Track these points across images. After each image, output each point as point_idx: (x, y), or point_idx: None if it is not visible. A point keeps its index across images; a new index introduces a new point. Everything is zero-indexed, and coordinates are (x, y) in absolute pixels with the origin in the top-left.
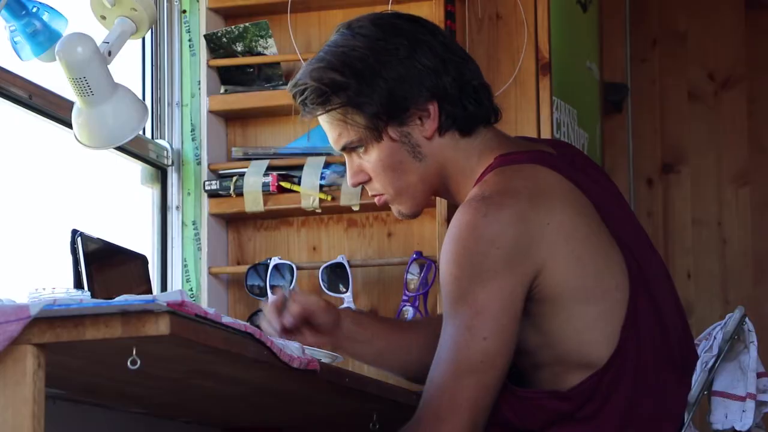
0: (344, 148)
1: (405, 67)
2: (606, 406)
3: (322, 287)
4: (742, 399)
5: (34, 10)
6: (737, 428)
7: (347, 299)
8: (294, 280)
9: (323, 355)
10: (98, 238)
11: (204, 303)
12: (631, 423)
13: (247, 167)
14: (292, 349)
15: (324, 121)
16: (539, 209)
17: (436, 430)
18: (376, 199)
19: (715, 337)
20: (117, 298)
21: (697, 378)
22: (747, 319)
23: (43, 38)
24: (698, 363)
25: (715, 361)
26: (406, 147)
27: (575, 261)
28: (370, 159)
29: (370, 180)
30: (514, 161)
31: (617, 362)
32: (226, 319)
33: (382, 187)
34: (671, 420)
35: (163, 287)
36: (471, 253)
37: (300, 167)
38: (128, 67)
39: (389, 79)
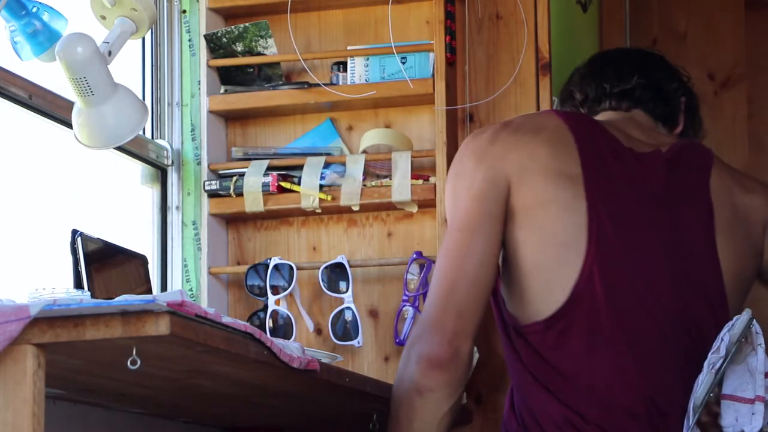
0: None
1: None
2: (558, 352)
3: (322, 287)
4: (751, 402)
5: (34, 10)
6: (747, 431)
7: (347, 299)
8: (294, 281)
9: (323, 355)
10: (98, 238)
11: (204, 303)
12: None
13: (247, 167)
14: (292, 349)
15: None
16: (517, 135)
17: (422, 319)
18: None
19: (722, 339)
20: (117, 298)
21: (703, 379)
22: (755, 321)
23: (43, 38)
24: (705, 364)
25: (722, 364)
26: None
27: (537, 190)
28: None
29: None
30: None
31: (565, 318)
32: (226, 319)
33: None
34: (652, 395)
35: (163, 287)
36: (456, 168)
37: (300, 167)
38: (128, 67)
39: None
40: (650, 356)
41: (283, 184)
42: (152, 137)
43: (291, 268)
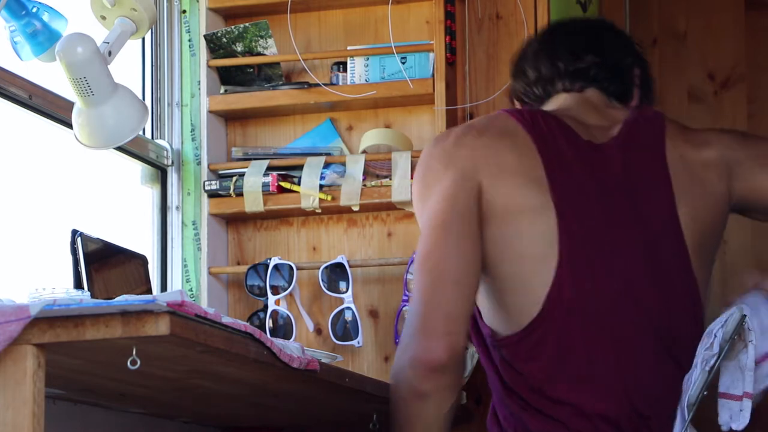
0: None
1: None
2: (531, 364)
3: (322, 287)
4: (739, 399)
5: (34, 10)
6: (734, 428)
7: (347, 299)
8: (294, 281)
9: (323, 355)
10: (98, 238)
11: (204, 303)
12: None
13: (247, 167)
14: (292, 349)
15: None
16: (483, 139)
17: (410, 323)
18: None
19: (715, 335)
20: (117, 298)
21: (696, 378)
22: (747, 319)
23: (43, 38)
24: (698, 361)
25: (716, 362)
26: None
27: (507, 198)
28: None
29: None
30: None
31: (537, 330)
32: (226, 319)
33: None
34: (634, 391)
35: (163, 287)
36: (423, 172)
37: (300, 167)
38: (128, 67)
39: None
40: (627, 359)
41: (283, 184)
42: (152, 137)
43: (291, 268)
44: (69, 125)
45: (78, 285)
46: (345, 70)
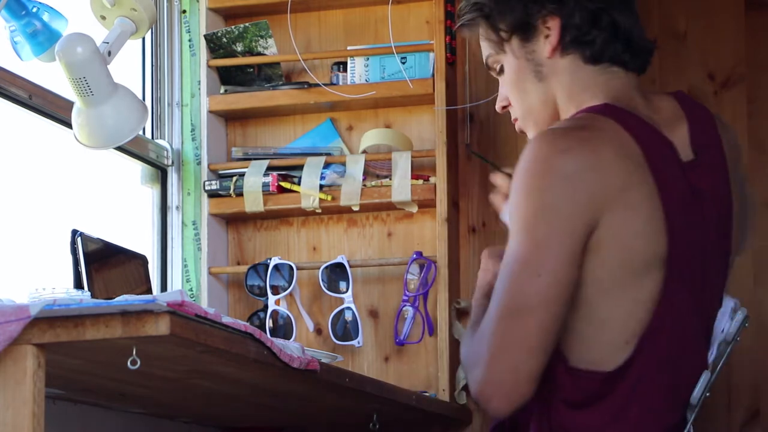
0: (489, 68)
1: None
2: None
3: (322, 287)
4: None
5: (34, 10)
6: None
7: (347, 299)
8: (294, 281)
9: (323, 355)
10: (98, 238)
11: (204, 303)
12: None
13: (247, 167)
14: (292, 349)
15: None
16: (618, 161)
17: (487, 368)
18: (515, 125)
19: (725, 324)
20: (117, 298)
21: (699, 380)
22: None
23: (43, 38)
24: (715, 344)
25: (716, 365)
26: (531, 65)
27: (623, 242)
28: (505, 79)
29: (510, 104)
30: (598, 111)
31: (627, 372)
32: (226, 319)
33: (514, 110)
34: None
35: (163, 287)
36: (541, 187)
37: (300, 167)
38: (128, 67)
39: None
40: (679, 406)
41: (283, 184)
42: (152, 137)
43: (291, 268)
44: (69, 125)
45: (78, 285)
46: (345, 70)
